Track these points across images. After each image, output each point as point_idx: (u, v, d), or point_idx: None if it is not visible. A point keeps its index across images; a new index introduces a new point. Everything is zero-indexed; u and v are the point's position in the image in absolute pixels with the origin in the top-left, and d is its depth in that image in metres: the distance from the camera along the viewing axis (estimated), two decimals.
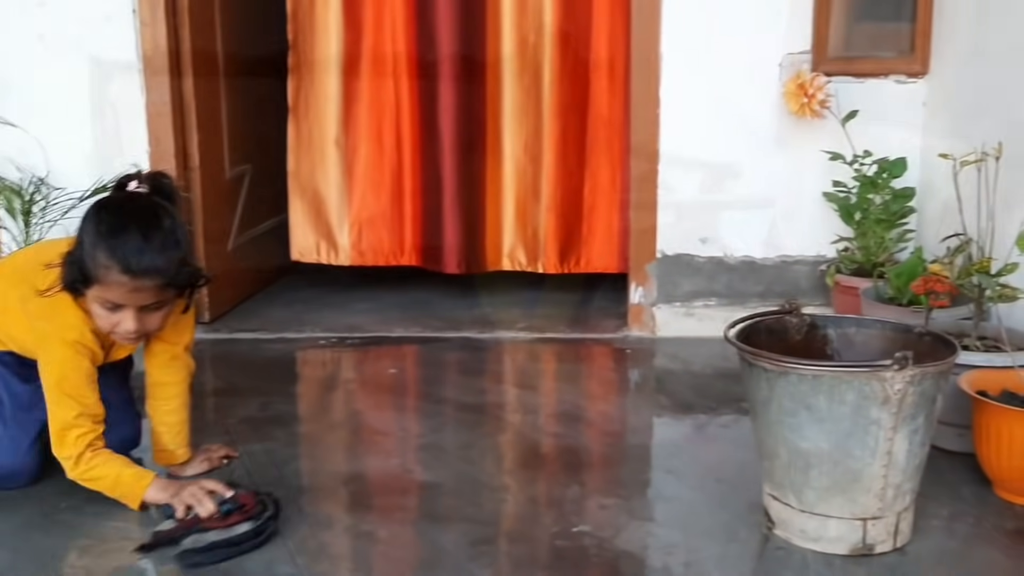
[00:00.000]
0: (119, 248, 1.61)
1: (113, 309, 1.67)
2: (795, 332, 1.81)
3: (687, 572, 1.57)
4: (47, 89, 2.82)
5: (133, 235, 1.62)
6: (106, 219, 1.65)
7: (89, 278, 1.65)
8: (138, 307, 1.67)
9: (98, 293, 1.66)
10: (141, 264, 1.62)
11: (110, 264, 1.61)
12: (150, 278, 1.64)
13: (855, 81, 2.78)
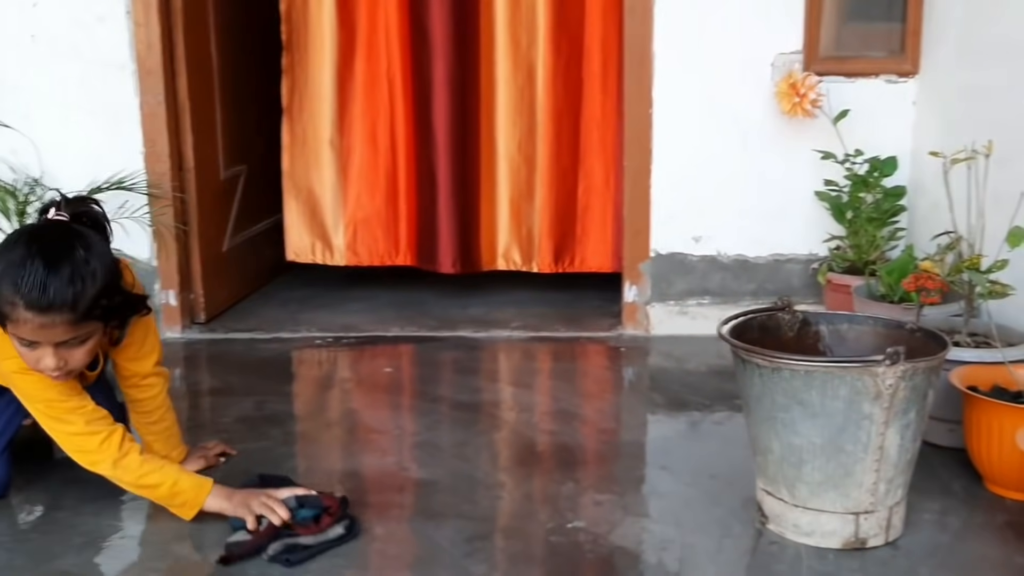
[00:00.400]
0: (23, 281, 1.49)
1: (30, 346, 1.57)
2: (787, 329, 1.82)
3: (682, 567, 1.59)
4: (41, 90, 2.82)
5: (37, 267, 1.50)
6: (14, 250, 1.53)
7: (2, 316, 1.54)
8: (54, 344, 1.56)
9: (12, 330, 1.56)
10: (44, 299, 1.50)
11: (14, 300, 1.51)
12: (57, 313, 1.51)
13: (846, 81, 2.80)
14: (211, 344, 2.88)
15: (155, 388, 1.88)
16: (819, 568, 1.57)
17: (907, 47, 2.80)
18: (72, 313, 1.53)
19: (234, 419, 2.26)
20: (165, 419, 1.91)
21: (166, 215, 2.81)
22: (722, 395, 2.41)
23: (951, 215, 2.09)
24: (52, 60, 2.80)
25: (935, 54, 2.73)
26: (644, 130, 2.85)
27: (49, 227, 1.60)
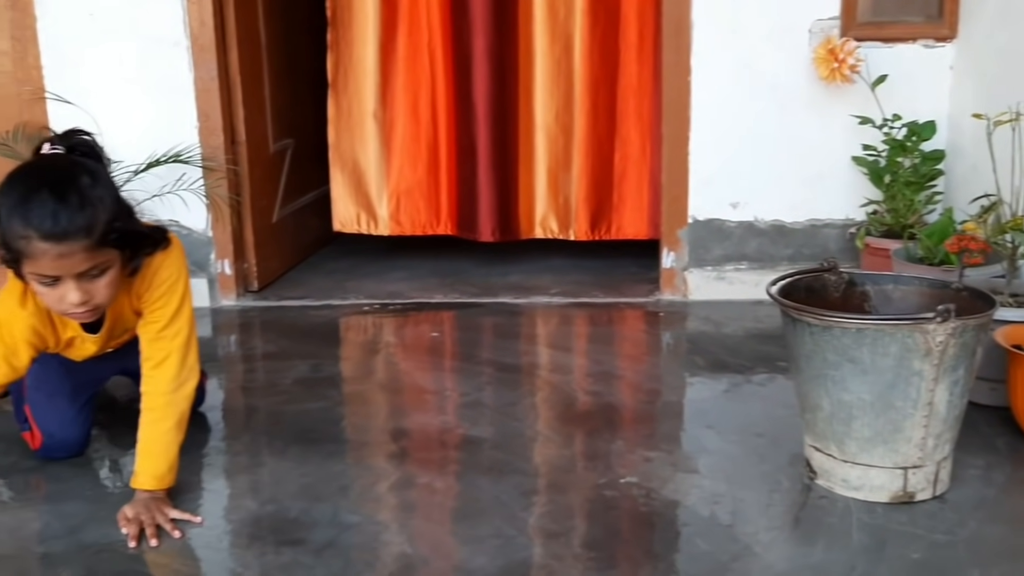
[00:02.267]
0: (33, 214, 1.45)
1: (52, 283, 1.52)
2: (833, 289, 1.88)
3: (734, 520, 1.66)
4: (99, 66, 2.89)
5: (45, 198, 1.46)
6: (17, 187, 1.49)
7: (16, 254, 1.50)
8: (75, 275, 1.51)
9: (30, 269, 1.52)
10: (58, 227, 1.46)
11: (28, 233, 1.46)
12: (74, 239, 1.47)
13: (883, 46, 2.82)
14: (264, 311, 2.98)
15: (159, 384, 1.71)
16: (868, 521, 1.64)
17: (945, 12, 2.81)
18: (88, 238, 1.48)
19: (292, 381, 2.36)
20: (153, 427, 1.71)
21: (220, 187, 2.90)
22: (762, 357, 2.47)
23: (994, 177, 2.13)
24: (110, 37, 2.87)
25: (973, 18, 2.74)
26: (682, 98, 2.89)
27: (47, 160, 1.56)
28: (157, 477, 1.68)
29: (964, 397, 1.67)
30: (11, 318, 1.67)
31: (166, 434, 1.69)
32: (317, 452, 1.96)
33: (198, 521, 1.66)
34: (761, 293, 2.88)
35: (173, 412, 1.70)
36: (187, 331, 1.73)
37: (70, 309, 1.56)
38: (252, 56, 3.03)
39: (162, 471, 1.68)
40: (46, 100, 2.90)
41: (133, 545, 1.58)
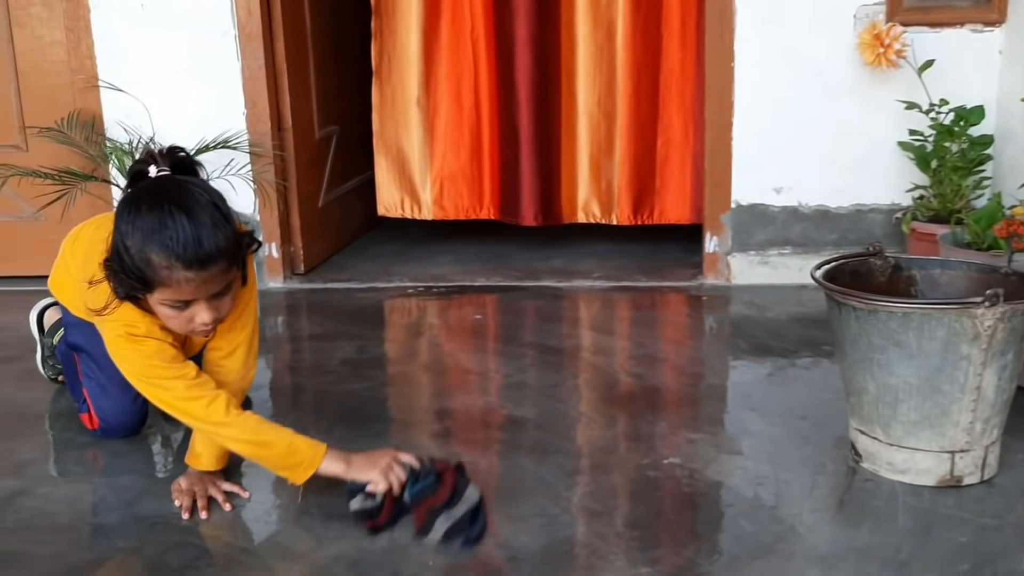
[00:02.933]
0: (174, 242, 1.43)
1: (183, 307, 1.51)
2: (879, 274, 1.87)
3: (778, 501, 1.66)
4: (151, 56, 2.96)
5: (183, 223, 1.43)
6: (145, 215, 1.45)
7: (149, 283, 1.47)
8: (208, 297, 1.52)
9: (162, 296, 1.49)
10: (202, 253, 1.44)
11: (170, 263, 1.44)
12: (215, 263, 1.47)
13: (930, 31, 2.78)
14: (311, 293, 3.04)
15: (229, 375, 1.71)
16: (915, 504, 1.64)
17: None
18: (225, 259, 1.49)
19: (338, 362, 2.40)
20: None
21: (267, 172, 2.96)
22: (807, 341, 2.46)
23: None
24: (161, 28, 2.94)
25: (1022, 3, 2.69)
26: (726, 84, 2.88)
27: (163, 183, 1.50)
28: (216, 458, 1.71)
29: (1013, 382, 1.66)
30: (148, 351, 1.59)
31: None
32: (363, 431, 2.01)
33: (246, 496, 1.70)
34: (805, 278, 2.89)
35: (237, 401, 1.70)
36: (253, 321, 1.75)
37: (199, 328, 1.55)
38: (298, 45, 3.08)
39: (220, 452, 1.71)
40: (99, 88, 2.98)
41: (186, 516, 1.63)
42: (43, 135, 2.93)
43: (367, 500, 1.53)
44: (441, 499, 1.50)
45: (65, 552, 1.54)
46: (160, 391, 1.59)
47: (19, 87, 3.05)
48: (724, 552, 1.51)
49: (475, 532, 1.49)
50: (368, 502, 1.53)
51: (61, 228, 3.04)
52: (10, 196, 3.04)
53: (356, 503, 1.54)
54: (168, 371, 1.59)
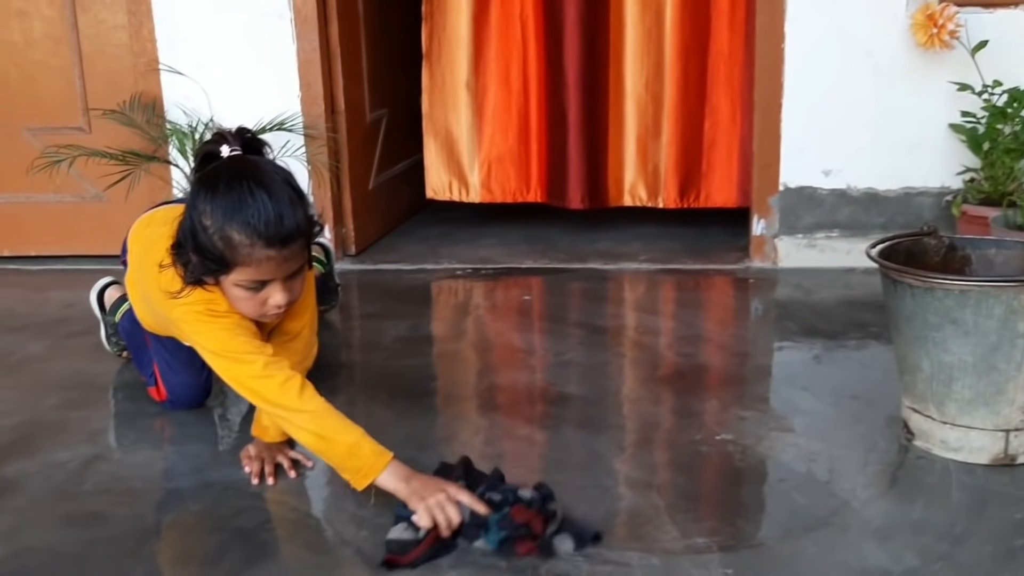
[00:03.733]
0: (256, 220, 1.43)
1: (258, 288, 1.51)
2: (933, 254, 1.87)
3: (831, 477, 1.68)
4: (209, 40, 3.03)
5: (263, 201, 1.44)
6: (225, 194, 1.45)
7: (228, 263, 1.47)
8: (284, 276, 1.52)
9: (240, 277, 1.49)
10: (283, 230, 1.45)
11: (251, 241, 1.44)
12: (295, 241, 1.48)
13: (984, 11, 2.75)
14: (362, 274, 3.10)
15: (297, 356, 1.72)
16: (968, 482, 1.65)
17: None
18: (303, 238, 1.50)
19: (392, 339, 2.46)
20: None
21: (321, 154, 3.02)
22: (854, 323, 2.47)
23: None
24: (219, 12, 3.01)
25: None
26: (775, 65, 2.88)
27: (238, 162, 1.51)
28: (283, 431, 1.74)
29: None
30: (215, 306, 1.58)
31: None
32: (419, 405, 2.06)
33: (310, 465, 1.75)
34: (852, 261, 2.93)
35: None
36: (314, 305, 1.79)
37: (272, 311, 1.54)
38: (351, 28, 3.13)
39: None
40: (159, 72, 3.06)
41: (256, 482, 1.69)
42: (107, 117, 3.02)
43: (407, 531, 1.44)
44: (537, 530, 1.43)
45: (143, 513, 1.61)
46: (238, 366, 1.55)
47: (83, 70, 3.15)
48: (780, 524, 1.54)
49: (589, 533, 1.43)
50: (408, 534, 1.43)
51: (124, 209, 3.15)
52: (74, 177, 3.14)
53: (396, 532, 1.45)
54: (248, 345, 1.56)
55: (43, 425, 1.97)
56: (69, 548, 1.51)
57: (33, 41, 3.15)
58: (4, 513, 1.61)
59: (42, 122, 3.21)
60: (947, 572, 1.39)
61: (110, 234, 3.23)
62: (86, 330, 2.54)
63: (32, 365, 2.33)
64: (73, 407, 2.06)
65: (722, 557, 1.44)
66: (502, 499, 1.47)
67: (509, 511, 1.45)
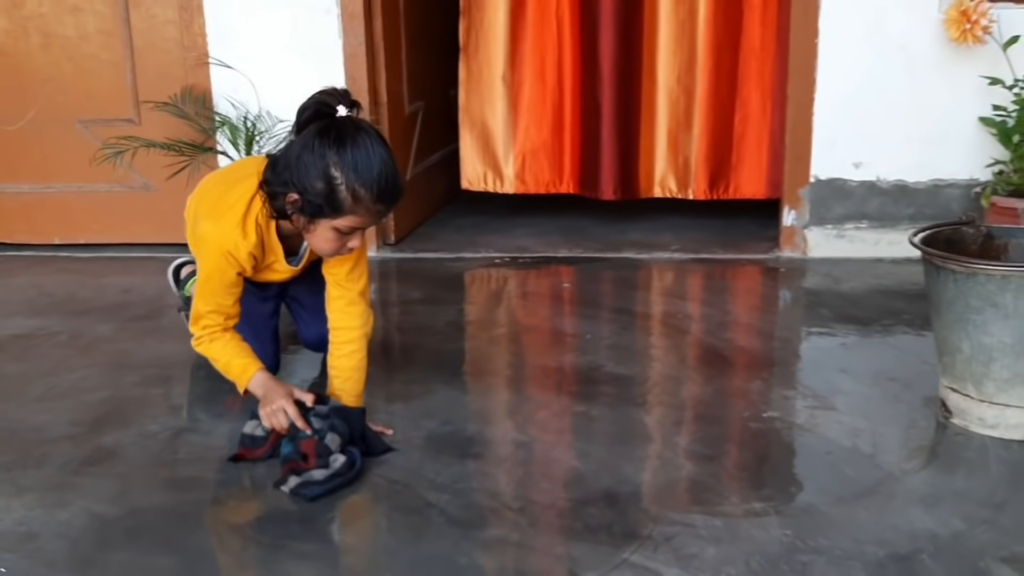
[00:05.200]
0: (381, 178, 1.61)
1: (350, 233, 1.69)
2: (972, 242, 1.97)
3: (875, 451, 1.79)
4: (258, 34, 3.13)
5: (388, 163, 1.62)
6: (353, 152, 1.60)
7: (343, 211, 1.63)
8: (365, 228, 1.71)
9: (344, 223, 1.65)
10: (398, 191, 1.66)
11: (374, 197, 1.62)
12: (398, 202, 1.70)
13: (1016, 7, 2.84)
14: (402, 262, 3.20)
15: (357, 320, 1.89)
16: (1005, 456, 1.75)
17: None
18: (402, 199, 1.72)
19: (444, 323, 2.56)
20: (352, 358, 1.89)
21: None
22: (887, 311, 2.57)
23: None
24: (268, 7, 3.11)
25: None
26: (809, 60, 2.97)
27: (361, 125, 1.65)
28: (356, 396, 1.89)
29: None
30: (229, 256, 1.77)
31: (362, 361, 1.90)
32: (479, 383, 2.18)
33: (390, 432, 1.87)
34: (881, 251, 3.04)
35: (365, 343, 1.91)
36: (367, 272, 1.93)
37: (344, 252, 1.74)
38: (393, 23, 3.23)
39: (359, 391, 1.90)
40: (209, 65, 3.16)
41: None
42: (160, 109, 3.12)
43: (258, 428, 1.79)
44: (303, 466, 1.69)
45: (238, 479, 1.72)
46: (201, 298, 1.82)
47: (134, 64, 3.25)
48: (830, 492, 1.64)
49: (312, 493, 1.63)
50: (259, 431, 1.79)
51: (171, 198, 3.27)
52: (123, 168, 3.24)
53: (248, 427, 1.80)
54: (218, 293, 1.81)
55: (128, 400, 2.08)
56: (178, 508, 1.62)
57: (86, 35, 3.26)
58: (110, 478, 1.73)
59: (94, 114, 3.31)
60: (990, 534, 1.50)
61: (158, 223, 3.35)
62: (147, 314, 2.66)
63: (104, 346, 2.44)
64: (152, 384, 2.18)
65: (780, 520, 1.54)
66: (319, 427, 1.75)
67: (300, 442, 1.73)
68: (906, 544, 1.47)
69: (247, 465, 1.77)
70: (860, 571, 1.40)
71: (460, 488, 1.65)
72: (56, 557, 1.49)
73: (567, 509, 1.59)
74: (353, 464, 1.71)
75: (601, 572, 1.41)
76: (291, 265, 1.94)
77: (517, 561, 1.46)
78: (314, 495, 1.63)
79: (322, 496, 1.63)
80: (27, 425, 1.97)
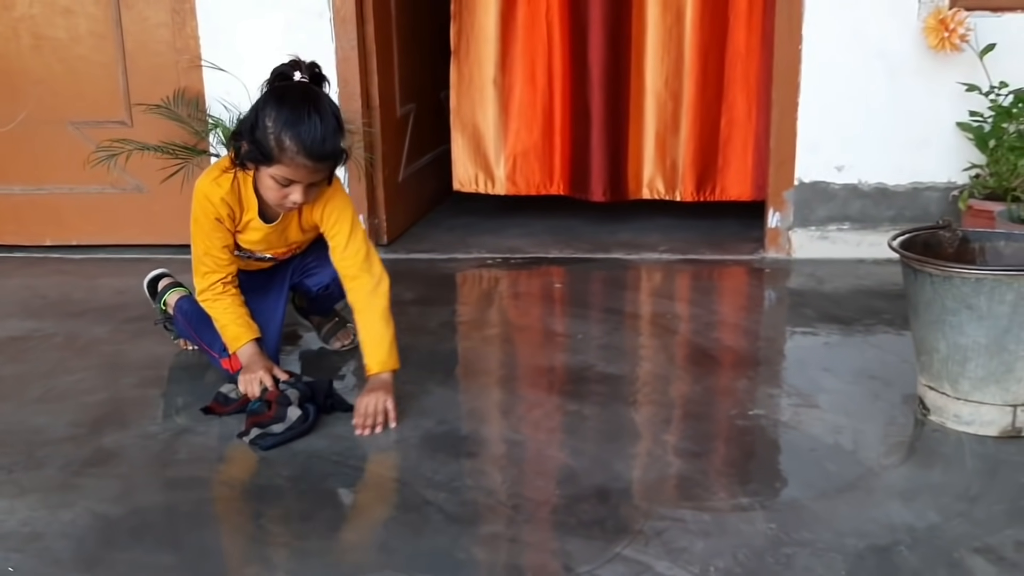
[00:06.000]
0: (305, 135, 1.80)
1: (286, 184, 1.87)
2: (948, 245, 2.04)
3: (856, 447, 1.86)
4: (251, 36, 3.16)
5: (314, 123, 1.81)
6: (288, 107, 1.82)
7: (272, 159, 1.84)
8: (307, 183, 1.89)
9: (276, 172, 1.86)
10: (324, 149, 1.83)
11: (296, 149, 1.81)
12: (327, 161, 1.87)
13: (992, 15, 2.92)
14: (396, 263, 3.23)
15: (363, 288, 2.03)
16: (980, 451, 1.82)
17: None
18: (333, 160, 1.90)
19: (438, 324, 2.61)
20: (369, 323, 2.02)
21: (357, 148, 3.15)
22: (867, 311, 2.64)
23: None
24: (261, 9, 3.14)
25: None
26: (793, 65, 3.04)
27: (306, 87, 1.90)
28: (380, 361, 2.01)
29: None
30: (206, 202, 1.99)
31: (375, 325, 2.03)
32: (473, 383, 2.23)
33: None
34: (862, 252, 3.11)
35: (376, 308, 2.03)
36: (365, 247, 2.07)
37: (287, 204, 1.93)
38: (384, 26, 3.27)
39: (383, 356, 2.02)
40: (202, 68, 3.19)
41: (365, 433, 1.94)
42: (152, 111, 3.15)
43: (233, 391, 2.03)
44: (263, 419, 1.91)
45: (239, 478, 1.78)
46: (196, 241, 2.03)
47: (126, 66, 3.27)
48: (814, 487, 1.71)
49: (267, 443, 1.85)
50: (233, 394, 2.03)
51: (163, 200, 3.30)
52: (115, 170, 3.26)
53: (225, 388, 2.05)
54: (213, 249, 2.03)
55: (127, 401, 2.13)
56: (180, 507, 1.67)
57: (78, 37, 3.28)
58: (111, 478, 1.77)
59: (85, 116, 3.33)
60: (964, 526, 1.57)
61: (150, 224, 3.39)
62: (142, 316, 2.69)
63: (100, 347, 2.48)
64: (150, 385, 2.22)
65: (765, 514, 1.61)
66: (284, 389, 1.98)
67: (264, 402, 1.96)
68: (885, 536, 1.54)
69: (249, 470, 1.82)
70: (841, 563, 1.47)
71: (457, 486, 1.71)
72: (62, 556, 1.53)
73: (560, 505, 1.65)
74: (307, 418, 1.92)
75: (594, 566, 1.47)
76: (266, 223, 2.07)
77: (513, 556, 1.52)
78: (269, 445, 1.84)
79: (276, 446, 1.85)
80: (27, 427, 2.00)
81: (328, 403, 2.01)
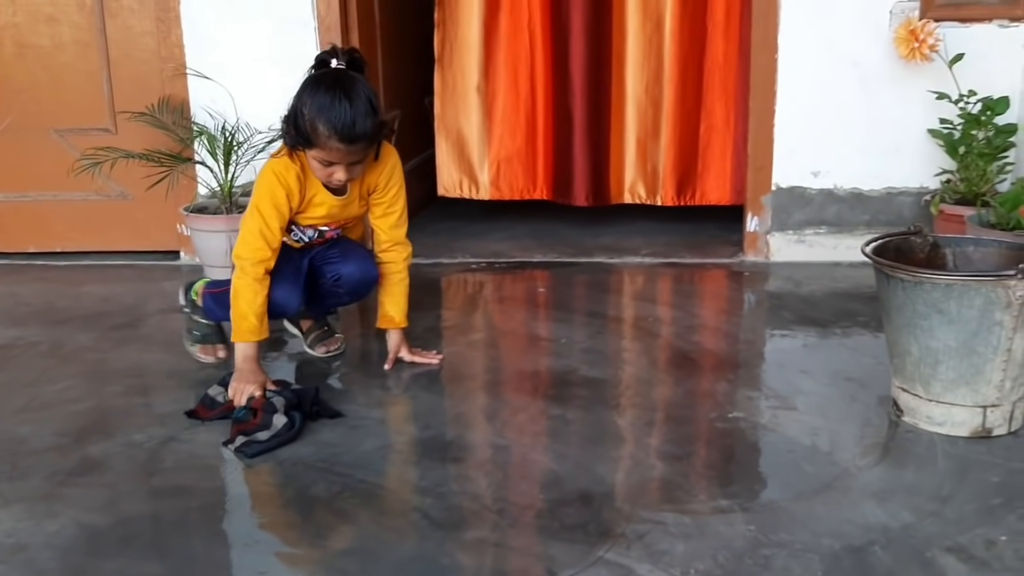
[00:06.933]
0: (337, 120, 1.96)
1: (328, 165, 2.05)
2: (919, 251, 2.10)
3: (832, 448, 1.91)
4: (236, 44, 3.19)
5: (344, 108, 1.96)
6: (322, 94, 1.98)
7: (311, 143, 2.01)
8: (348, 163, 2.06)
9: (316, 155, 2.04)
10: (355, 132, 1.98)
11: (328, 133, 1.97)
12: (359, 142, 2.01)
13: (961, 26, 2.99)
14: None
15: (401, 254, 2.34)
16: (951, 451, 1.88)
17: None
18: (367, 141, 2.04)
19: (423, 329, 2.64)
20: (399, 285, 2.36)
21: None
22: (844, 313, 2.70)
23: None
24: (245, 19, 3.17)
25: None
26: (769, 74, 3.10)
27: (341, 74, 2.04)
28: (403, 315, 2.35)
29: None
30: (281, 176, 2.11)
31: (406, 288, 2.36)
32: (458, 389, 2.27)
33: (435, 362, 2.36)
34: (839, 256, 3.18)
35: (407, 274, 2.38)
36: (407, 222, 2.35)
37: (334, 182, 2.11)
38: (369, 34, 3.31)
39: (405, 312, 2.36)
40: (187, 76, 3.21)
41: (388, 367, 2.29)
42: (137, 119, 3.16)
43: (220, 395, 2.08)
44: (249, 426, 1.96)
45: (226, 486, 1.80)
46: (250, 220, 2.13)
47: (110, 74, 3.29)
48: (792, 488, 1.76)
49: (252, 451, 1.89)
50: (220, 397, 2.08)
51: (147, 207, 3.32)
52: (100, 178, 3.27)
53: (212, 391, 2.10)
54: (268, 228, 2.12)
55: (112, 410, 2.14)
56: (167, 516, 1.69)
57: (61, 46, 3.29)
58: (97, 487, 1.79)
59: (69, 123, 3.35)
60: (937, 526, 1.62)
61: (134, 231, 3.40)
62: (127, 323, 2.71)
63: (85, 355, 2.49)
64: (135, 393, 2.23)
65: (744, 516, 1.65)
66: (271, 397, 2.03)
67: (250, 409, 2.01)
68: (860, 536, 1.58)
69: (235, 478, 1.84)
70: (818, 563, 1.51)
71: (442, 491, 1.74)
72: (47, 567, 1.53)
73: (544, 510, 1.69)
74: (292, 425, 1.96)
75: (577, 570, 1.50)
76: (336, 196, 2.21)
77: (497, 561, 1.55)
78: (254, 453, 1.88)
79: (261, 454, 1.88)
80: (11, 436, 2.01)
81: (314, 410, 2.05)
